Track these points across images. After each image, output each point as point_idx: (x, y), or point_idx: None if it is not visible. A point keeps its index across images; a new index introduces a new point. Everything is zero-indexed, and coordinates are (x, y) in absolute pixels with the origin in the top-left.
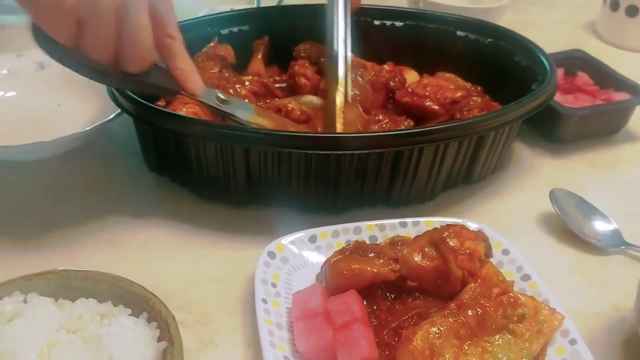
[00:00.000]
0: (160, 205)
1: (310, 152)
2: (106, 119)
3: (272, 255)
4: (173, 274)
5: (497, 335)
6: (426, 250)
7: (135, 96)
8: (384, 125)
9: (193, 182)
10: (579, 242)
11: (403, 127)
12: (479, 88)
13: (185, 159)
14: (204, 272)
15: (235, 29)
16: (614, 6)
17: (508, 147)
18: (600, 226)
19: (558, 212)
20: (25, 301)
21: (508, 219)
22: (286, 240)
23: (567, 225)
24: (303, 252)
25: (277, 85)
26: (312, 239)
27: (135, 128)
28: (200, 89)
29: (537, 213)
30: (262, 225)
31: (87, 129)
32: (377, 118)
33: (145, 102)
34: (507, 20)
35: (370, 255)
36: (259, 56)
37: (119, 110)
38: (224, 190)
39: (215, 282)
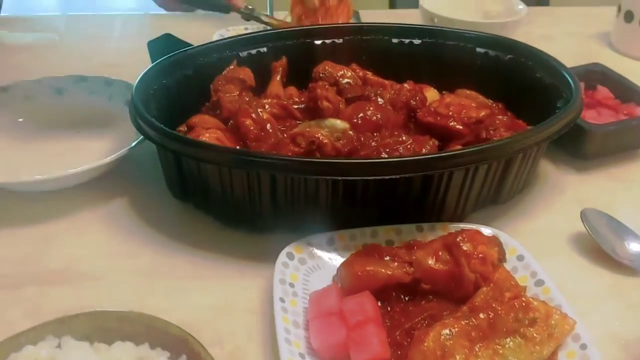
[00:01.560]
0: (185, 233)
1: (337, 178)
2: (128, 147)
3: (290, 256)
4: (202, 307)
5: (508, 339)
6: (440, 253)
7: (157, 122)
8: (408, 147)
9: (218, 209)
10: (613, 262)
11: (428, 147)
12: (501, 105)
13: (209, 186)
14: (234, 303)
15: (253, 51)
16: (628, 17)
17: (536, 166)
18: (634, 246)
19: (590, 233)
20: (59, 346)
21: (538, 238)
22: (304, 242)
23: (600, 246)
24: (321, 254)
25: (295, 106)
26: (330, 242)
27: (159, 154)
28: (243, 4)
29: (567, 232)
30: None
31: (109, 159)
32: (400, 139)
33: (167, 129)
34: (519, 34)
35: (385, 258)
36: (278, 78)
37: (141, 137)
38: (249, 217)
39: (246, 313)
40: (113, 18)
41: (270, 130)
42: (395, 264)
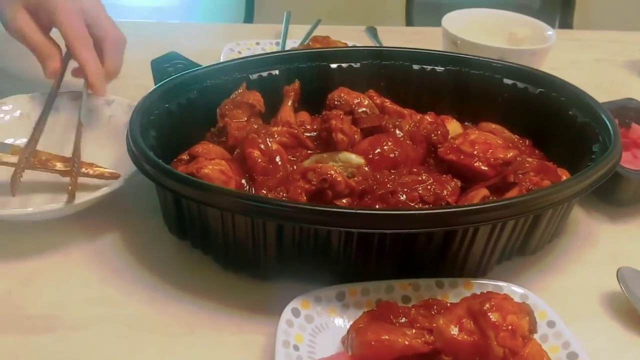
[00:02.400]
0: (180, 275)
1: (351, 230)
2: (123, 178)
3: (296, 312)
4: None
5: None
6: (464, 322)
7: (155, 157)
8: (428, 187)
9: (217, 251)
10: None
11: (450, 188)
12: (527, 141)
13: (210, 227)
14: None
15: (264, 73)
16: None
17: (568, 215)
18: None
19: (627, 295)
20: None
21: (569, 298)
22: (312, 296)
23: (638, 311)
24: (329, 311)
25: (307, 134)
26: (340, 296)
27: (156, 188)
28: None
29: (600, 292)
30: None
31: (101, 192)
32: (420, 178)
33: (166, 165)
34: (548, 59)
35: (401, 320)
36: (289, 103)
37: None
38: (252, 263)
39: None
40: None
41: (279, 163)
42: (413, 331)
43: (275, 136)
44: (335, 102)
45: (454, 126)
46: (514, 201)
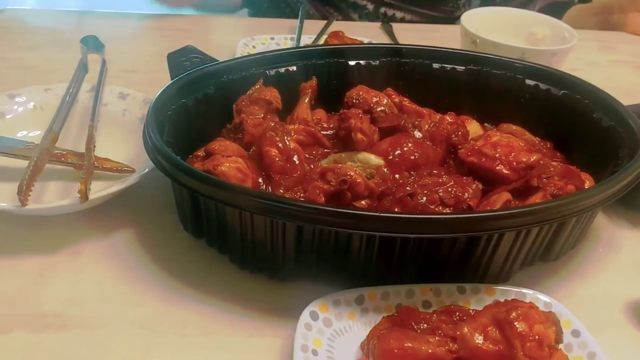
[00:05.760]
0: (195, 275)
1: (373, 233)
2: (138, 174)
3: (314, 316)
4: None
5: None
6: (489, 330)
7: (173, 154)
8: (449, 189)
9: (234, 251)
10: None
11: (471, 190)
12: (549, 144)
13: (227, 226)
14: None
15: (282, 69)
16: None
17: (592, 222)
18: None
19: None
20: None
21: (592, 306)
22: (330, 299)
23: None
24: (348, 314)
25: (324, 132)
26: (359, 300)
27: (172, 185)
28: None
29: (625, 300)
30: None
31: (115, 189)
32: (440, 180)
33: (184, 162)
34: (566, 60)
35: (422, 326)
36: (306, 100)
37: None
38: (269, 264)
39: None
40: (133, 18)
41: (297, 162)
42: (437, 338)
43: (292, 134)
44: (354, 101)
45: (473, 127)
46: (542, 207)
